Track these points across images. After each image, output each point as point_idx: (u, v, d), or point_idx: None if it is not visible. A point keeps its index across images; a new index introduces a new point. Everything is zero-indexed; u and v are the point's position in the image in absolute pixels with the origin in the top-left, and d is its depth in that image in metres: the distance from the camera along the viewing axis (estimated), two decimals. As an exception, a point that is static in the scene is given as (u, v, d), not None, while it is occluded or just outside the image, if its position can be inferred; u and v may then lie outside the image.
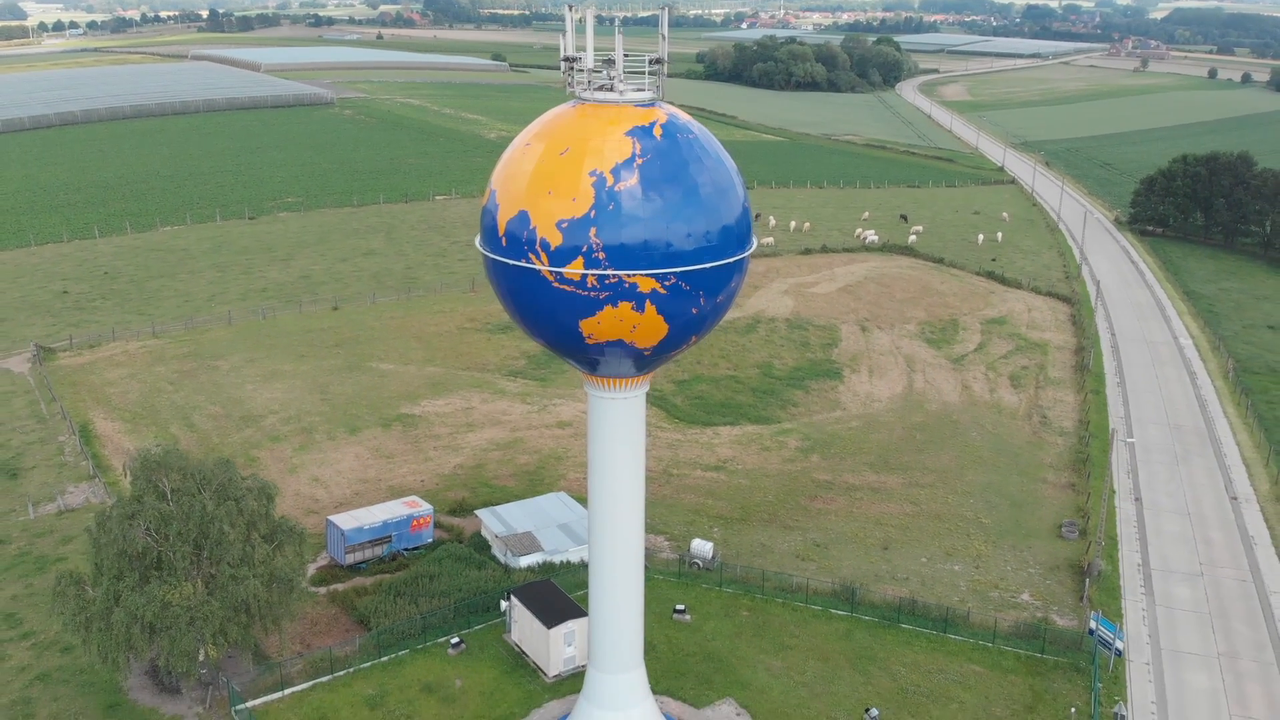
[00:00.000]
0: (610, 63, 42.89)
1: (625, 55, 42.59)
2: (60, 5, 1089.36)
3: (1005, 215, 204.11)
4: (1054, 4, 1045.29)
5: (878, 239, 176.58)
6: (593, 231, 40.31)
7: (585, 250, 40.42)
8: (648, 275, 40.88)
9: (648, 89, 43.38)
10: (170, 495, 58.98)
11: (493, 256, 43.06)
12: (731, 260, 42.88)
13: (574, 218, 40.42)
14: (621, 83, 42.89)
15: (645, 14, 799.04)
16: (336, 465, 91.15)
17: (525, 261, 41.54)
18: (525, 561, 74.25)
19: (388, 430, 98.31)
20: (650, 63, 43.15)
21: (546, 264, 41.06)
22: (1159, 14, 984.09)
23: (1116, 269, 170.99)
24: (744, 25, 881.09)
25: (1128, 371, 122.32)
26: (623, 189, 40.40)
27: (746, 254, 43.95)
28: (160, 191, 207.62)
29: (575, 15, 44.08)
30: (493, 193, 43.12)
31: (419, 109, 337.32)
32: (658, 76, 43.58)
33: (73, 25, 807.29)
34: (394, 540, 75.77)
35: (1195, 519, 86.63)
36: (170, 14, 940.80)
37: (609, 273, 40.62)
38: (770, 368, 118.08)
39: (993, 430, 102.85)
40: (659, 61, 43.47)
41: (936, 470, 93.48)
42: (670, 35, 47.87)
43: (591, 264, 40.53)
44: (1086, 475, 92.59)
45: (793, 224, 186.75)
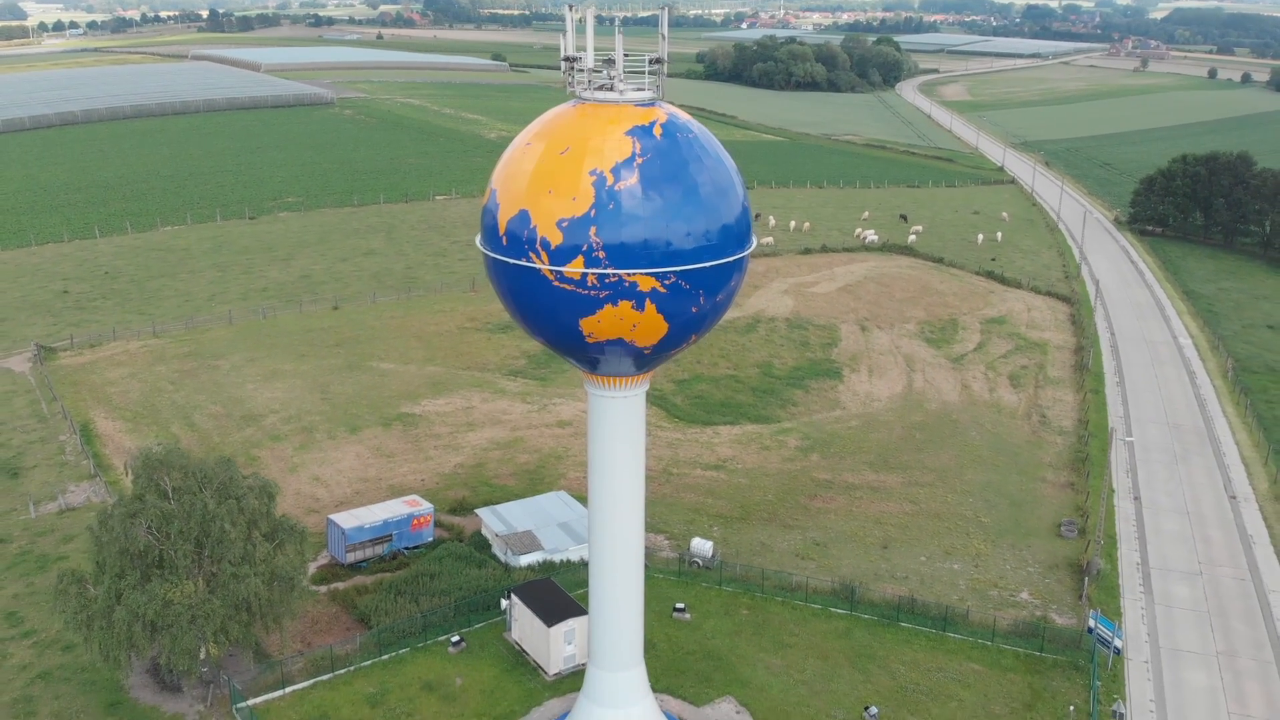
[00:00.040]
0: (610, 62, 43.02)
1: (625, 55, 42.71)
2: (60, 5, 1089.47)
3: (1005, 215, 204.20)
4: (1054, 4, 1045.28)
5: (877, 239, 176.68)
6: (593, 230, 40.46)
7: (585, 249, 40.57)
8: (648, 274, 41.03)
9: (648, 89, 43.51)
10: (172, 494, 59.12)
11: (493, 255, 43.21)
12: (731, 259, 43.03)
13: (574, 217, 40.57)
14: (621, 82, 43.01)
15: (645, 14, 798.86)
16: (337, 464, 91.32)
17: (526, 260, 41.70)
18: (525, 560, 74.41)
19: (388, 429, 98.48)
20: (650, 62, 43.26)
21: (547, 263, 41.21)
22: (1159, 14, 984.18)
23: (1116, 269, 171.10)
24: (744, 25, 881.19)
25: (1127, 371, 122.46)
26: (623, 188, 40.54)
27: (746, 253, 44.10)
28: (161, 191, 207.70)
29: (575, 15, 44.22)
30: (493, 192, 43.27)
31: (419, 109, 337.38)
32: (658, 76, 43.69)
33: (73, 25, 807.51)
34: (394, 539, 75.90)
35: (1194, 518, 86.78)
36: (170, 14, 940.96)
37: (609, 272, 40.77)
38: (770, 367, 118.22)
39: (992, 429, 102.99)
40: (659, 61, 43.59)
41: (936, 469, 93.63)
42: (670, 35, 48.02)
43: (592, 263, 40.67)
44: (1085, 474, 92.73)
45: (792, 224, 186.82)
